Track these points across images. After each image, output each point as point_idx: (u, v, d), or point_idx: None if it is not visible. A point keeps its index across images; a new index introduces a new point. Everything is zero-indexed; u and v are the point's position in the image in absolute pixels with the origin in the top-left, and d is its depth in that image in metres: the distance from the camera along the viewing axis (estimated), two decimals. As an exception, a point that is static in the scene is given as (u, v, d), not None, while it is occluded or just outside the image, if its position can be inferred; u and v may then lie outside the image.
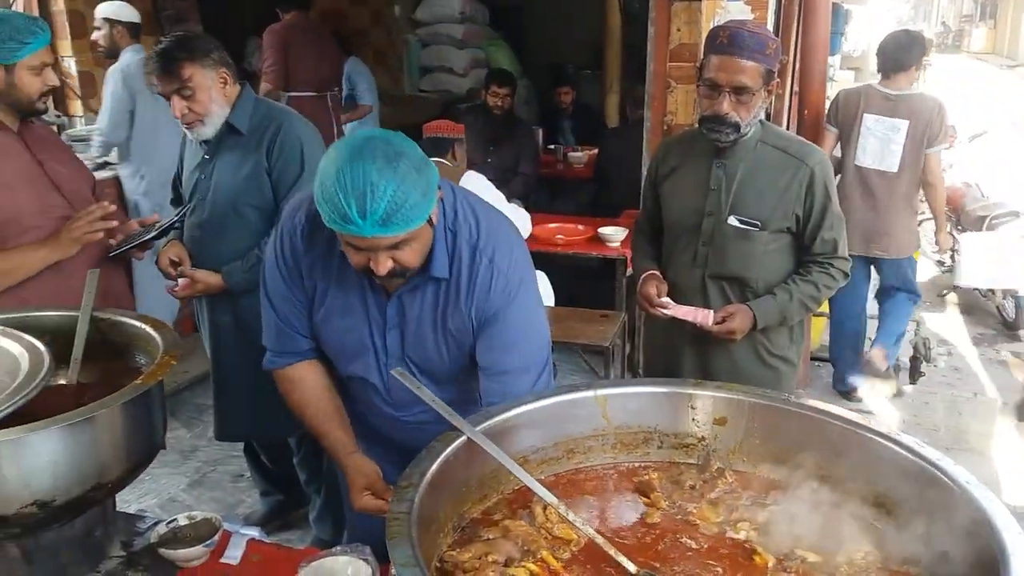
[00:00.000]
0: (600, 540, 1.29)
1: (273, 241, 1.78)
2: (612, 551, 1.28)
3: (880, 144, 4.01)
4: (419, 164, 1.47)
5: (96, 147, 4.51)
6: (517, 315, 1.71)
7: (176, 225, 2.61)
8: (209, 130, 2.58)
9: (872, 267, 4.36)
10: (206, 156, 2.66)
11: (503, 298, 1.68)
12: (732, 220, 2.30)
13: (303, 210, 1.72)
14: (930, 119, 3.97)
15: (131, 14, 4.39)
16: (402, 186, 1.42)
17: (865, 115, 4.03)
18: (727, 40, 2.15)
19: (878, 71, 4.18)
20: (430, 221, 1.55)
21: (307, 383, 1.84)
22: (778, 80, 2.24)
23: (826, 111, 4.18)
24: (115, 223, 2.34)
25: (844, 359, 4.43)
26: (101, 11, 4.36)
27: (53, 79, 2.30)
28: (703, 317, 2.32)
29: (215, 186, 2.64)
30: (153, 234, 2.45)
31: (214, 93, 2.54)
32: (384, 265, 1.51)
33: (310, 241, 1.70)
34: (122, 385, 1.49)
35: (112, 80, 4.28)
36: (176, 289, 2.68)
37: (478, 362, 1.73)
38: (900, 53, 4.02)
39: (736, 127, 2.21)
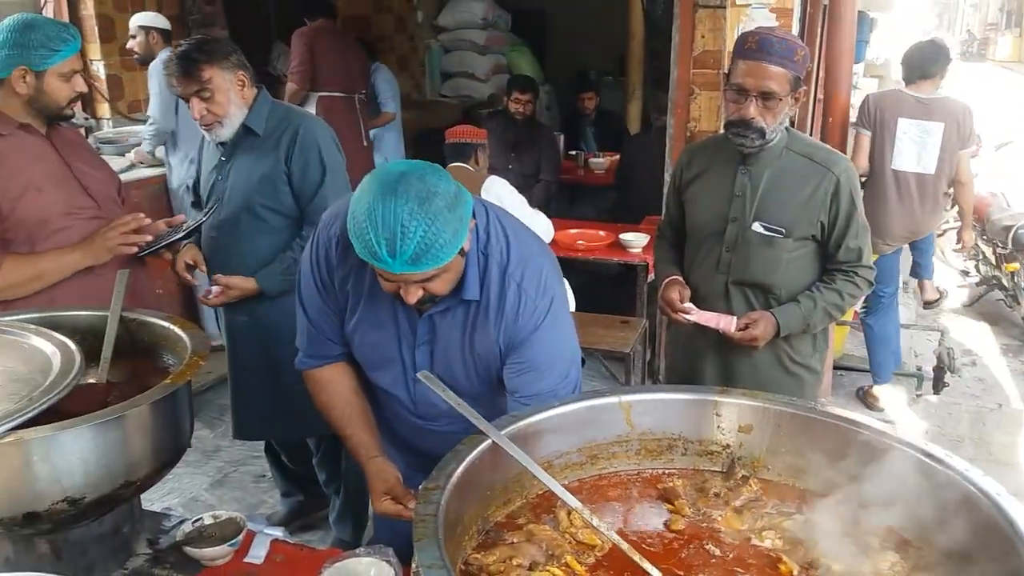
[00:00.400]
0: (624, 546, 1.29)
1: (308, 249, 1.79)
2: (637, 557, 1.27)
3: (917, 147, 4.05)
4: (451, 202, 1.45)
5: (148, 140, 4.64)
6: (544, 340, 1.70)
7: (203, 226, 2.63)
8: (227, 131, 2.61)
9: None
10: (223, 158, 2.69)
11: (531, 324, 1.68)
12: (756, 227, 2.30)
13: (338, 223, 1.70)
14: (961, 121, 4.02)
15: (164, 22, 4.75)
16: (433, 227, 1.42)
17: (900, 119, 4.05)
18: (755, 45, 2.15)
19: (903, 79, 4.23)
20: (462, 251, 1.54)
21: (335, 385, 1.86)
22: (804, 88, 2.23)
23: (856, 115, 4.21)
24: (148, 237, 2.38)
25: (882, 358, 4.45)
26: (136, 20, 4.68)
27: (82, 86, 2.33)
28: (725, 323, 2.31)
29: (231, 188, 2.66)
30: (181, 235, 2.47)
31: (232, 95, 2.57)
32: (414, 296, 1.53)
33: (344, 255, 1.71)
34: (150, 384, 1.52)
35: (156, 73, 4.46)
36: (211, 297, 2.68)
37: (506, 385, 1.73)
38: (926, 63, 4.08)
39: (762, 133, 2.21)
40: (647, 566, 1.27)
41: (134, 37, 4.65)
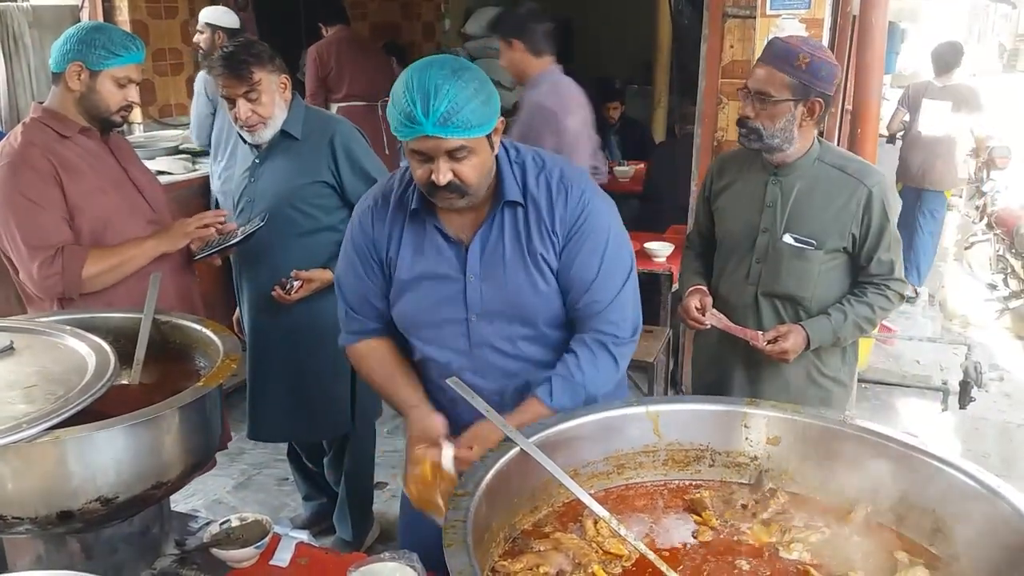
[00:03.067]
0: (652, 556, 1.29)
1: (347, 232, 1.87)
2: (664, 567, 1.27)
3: (932, 119, 6.01)
4: (483, 80, 1.57)
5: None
6: (597, 219, 1.75)
7: (255, 236, 2.62)
8: (268, 133, 2.65)
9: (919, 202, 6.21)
10: (256, 160, 2.73)
11: (580, 204, 1.73)
12: (787, 238, 2.28)
13: (370, 197, 1.84)
14: (966, 99, 5.97)
15: (232, 20, 4.61)
16: (464, 91, 1.52)
17: (924, 99, 6.02)
18: (765, 49, 2.22)
19: (934, 71, 6.12)
20: (491, 144, 1.63)
21: (374, 352, 1.89)
22: (819, 101, 2.19)
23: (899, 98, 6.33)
24: (224, 226, 2.47)
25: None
26: (205, 16, 4.58)
27: (135, 96, 2.35)
28: (752, 336, 2.30)
29: (263, 190, 2.70)
30: (234, 242, 2.51)
31: (277, 97, 2.62)
32: (445, 174, 1.56)
33: (381, 214, 1.79)
34: (182, 387, 1.54)
35: (199, 84, 4.49)
36: (292, 293, 2.70)
37: (566, 281, 1.74)
38: (948, 57, 6.04)
39: (759, 134, 2.21)
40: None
41: (201, 32, 4.57)
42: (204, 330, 1.79)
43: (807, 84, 2.16)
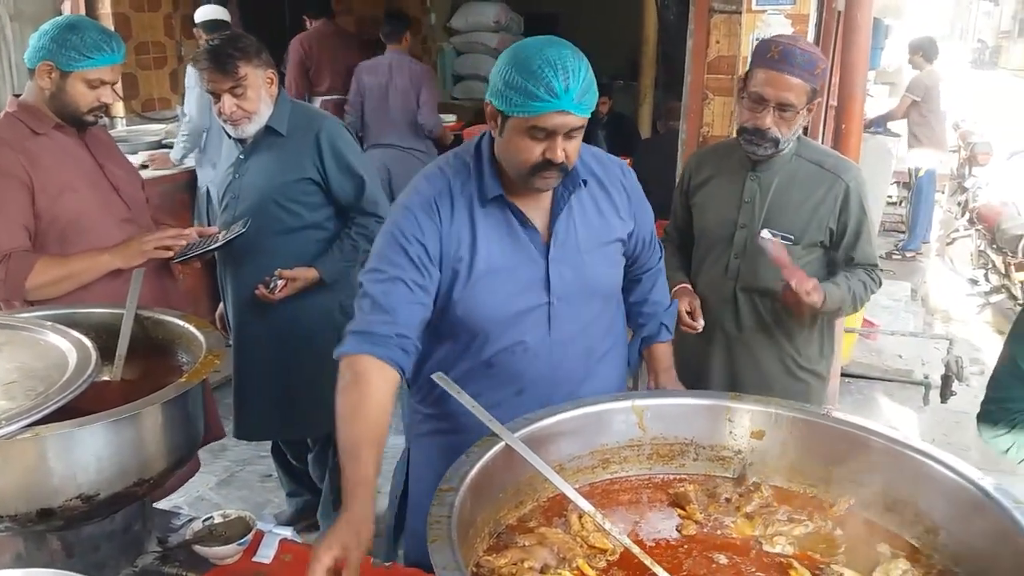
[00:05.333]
0: (636, 550, 1.29)
1: (394, 227, 1.70)
2: (648, 561, 1.28)
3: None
4: None
5: (182, 144, 4.60)
6: (633, 175, 1.91)
7: (239, 238, 2.59)
8: (253, 128, 2.63)
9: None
10: (241, 156, 2.71)
11: (620, 167, 1.87)
12: (765, 234, 2.29)
13: (422, 193, 1.72)
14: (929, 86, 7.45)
15: (224, 13, 4.83)
16: (589, 71, 1.57)
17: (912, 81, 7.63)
18: (778, 55, 2.14)
19: (909, 62, 7.70)
20: None
21: (373, 386, 1.57)
22: (819, 99, 2.22)
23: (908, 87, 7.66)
24: (183, 243, 2.40)
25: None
26: (200, 16, 4.78)
27: (108, 97, 2.30)
28: (796, 276, 2.17)
29: (250, 185, 2.69)
30: (215, 246, 2.48)
31: (263, 92, 2.60)
32: (561, 151, 1.59)
33: (447, 212, 1.71)
34: (165, 383, 1.52)
35: (193, 72, 4.47)
36: (276, 292, 2.68)
37: (635, 241, 1.89)
38: (924, 52, 7.42)
39: (776, 142, 2.21)
40: (659, 571, 1.27)
41: (200, 36, 4.74)
42: (187, 326, 1.78)
43: (815, 88, 2.18)
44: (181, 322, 1.79)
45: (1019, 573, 1.16)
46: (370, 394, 1.56)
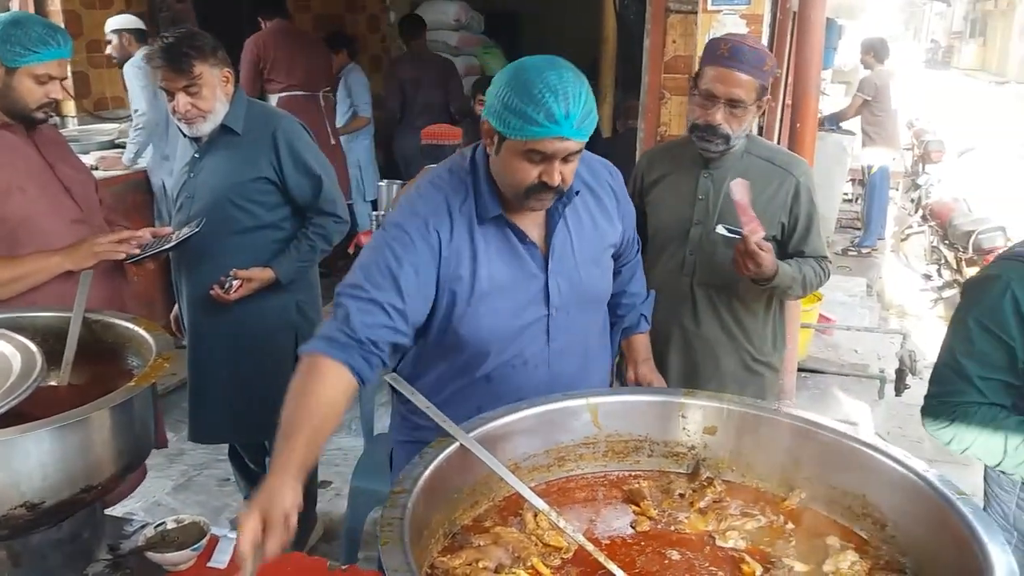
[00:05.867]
0: (590, 547, 1.30)
1: (386, 245, 1.65)
2: (602, 558, 1.28)
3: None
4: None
5: (134, 141, 4.55)
6: (619, 174, 1.93)
7: (192, 237, 2.55)
8: (208, 127, 2.60)
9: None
10: (196, 155, 2.68)
11: (606, 167, 1.89)
12: (720, 229, 2.32)
13: (421, 215, 1.68)
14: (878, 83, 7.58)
15: (135, 22, 4.79)
16: (590, 96, 1.55)
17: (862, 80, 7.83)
18: (727, 53, 2.17)
19: (861, 62, 7.89)
20: None
21: (324, 380, 1.54)
22: (769, 96, 2.26)
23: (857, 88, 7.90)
24: (135, 246, 2.35)
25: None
26: (110, 25, 4.74)
27: (57, 93, 2.26)
28: (752, 229, 2.18)
29: (205, 184, 2.65)
30: (168, 246, 2.44)
31: (218, 91, 2.57)
32: (558, 174, 1.58)
33: (447, 231, 1.68)
34: (114, 387, 1.50)
35: (133, 73, 4.47)
36: (231, 293, 2.65)
37: (623, 241, 1.93)
38: (875, 52, 7.55)
39: (727, 139, 2.24)
40: (612, 567, 1.27)
41: (109, 42, 4.71)
42: (137, 329, 1.75)
43: (765, 84, 2.22)
44: (130, 325, 1.76)
45: (962, 563, 1.18)
46: (320, 387, 1.53)
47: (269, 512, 1.28)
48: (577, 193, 1.76)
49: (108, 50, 4.74)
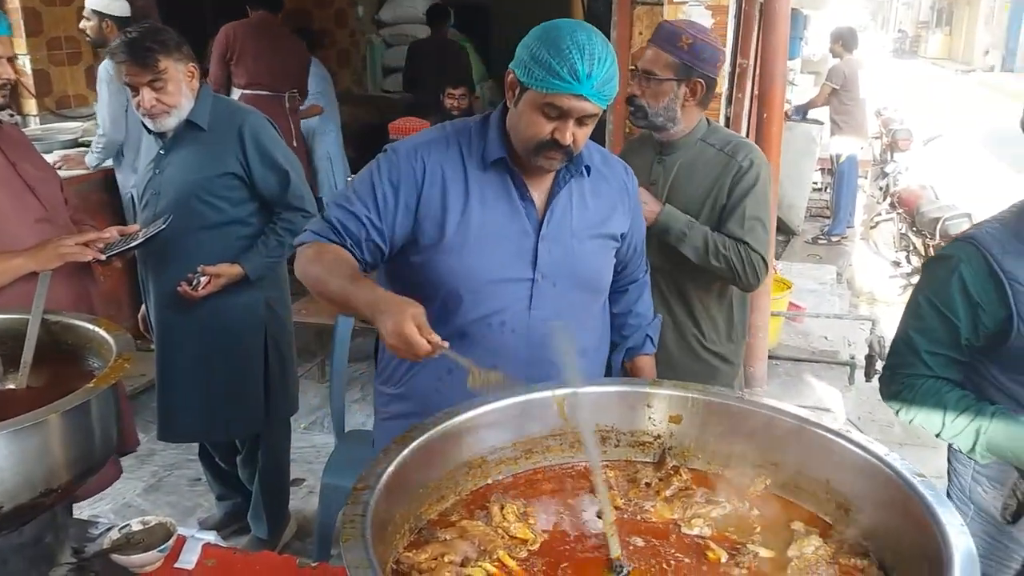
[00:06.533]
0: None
1: (374, 165, 1.76)
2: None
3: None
4: None
5: (96, 153, 4.36)
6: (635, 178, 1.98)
7: (159, 234, 2.53)
8: (173, 122, 2.58)
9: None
10: (161, 151, 2.65)
11: (627, 170, 1.93)
12: None
13: (431, 139, 1.76)
14: (847, 73, 7.70)
15: (121, 8, 4.35)
16: (615, 64, 1.58)
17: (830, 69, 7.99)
18: (655, 31, 2.32)
19: (830, 51, 8.09)
20: None
21: (338, 250, 1.70)
22: (700, 81, 2.26)
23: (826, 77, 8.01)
24: (100, 248, 2.31)
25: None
26: (91, 3, 4.34)
27: (8, 73, 2.20)
28: None
29: (171, 181, 2.63)
30: (135, 244, 2.41)
31: (183, 86, 2.55)
32: (570, 134, 1.60)
33: (452, 159, 1.74)
34: (73, 389, 1.47)
35: (104, 76, 4.21)
36: (200, 290, 2.62)
37: (630, 242, 1.94)
38: (844, 41, 7.67)
39: (644, 112, 2.31)
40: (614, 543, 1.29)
41: (88, 19, 4.37)
42: (97, 329, 1.71)
43: (689, 65, 2.24)
44: (91, 326, 1.73)
45: (923, 545, 1.20)
46: (340, 253, 1.69)
47: (415, 314, 1.46)
48: (588, 170, 1.78)
49: (83, 25, 4.41)
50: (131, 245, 2.40)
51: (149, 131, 2.66)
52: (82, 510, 3.10)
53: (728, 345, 2.49)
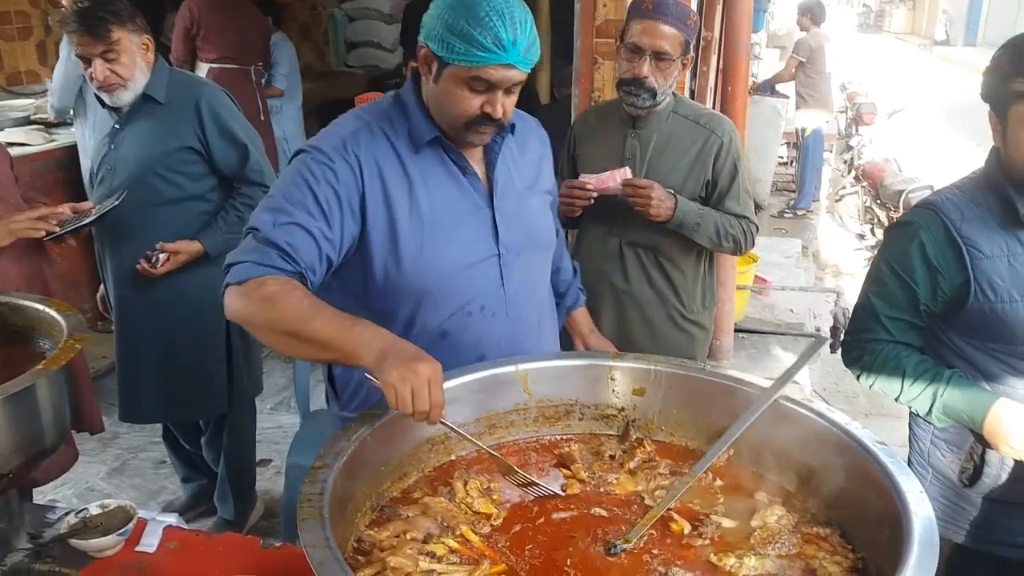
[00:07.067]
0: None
1: (301, 168, 1.53)
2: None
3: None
4: None
5: (50, 110, 4.25)
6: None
7: (115, 211, 2.48)
8: (128, 96, 2.53)
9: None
10: (116, 126, 2.59)
11: (535, 124, 1.83)
12: None
13: (350, 128, 1.58)
14: (814, 46, 7.72)
15: None
16: (534, 25, 1.49)
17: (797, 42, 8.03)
18: (652, 6, 2.20)
19: (797, 23, 8.06)
20: None
21: (294, 290, 1.41)
22: (692, 55, 2.28)
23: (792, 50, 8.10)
24: (55, 223, 2.26)
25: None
26: None
27: None
28: (621, 174, 2.30)
29: (127, 156, 2.57)
30: (87, 221, 2.35)
31: (138, 59, 2.49)
32: (501, 105, 1.51)
33: (385, 152, 1.57)
34: (23, 372, 1.43)
35: (66, 42, 4.03)
36: (158, 266, 2.57)
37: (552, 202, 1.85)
38: (812, 14, 7.67)
39: (653, 92, 2.25)
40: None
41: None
42: (47, 310, 1.67)
43: (689, 40, 2.23)
44: (41, 306, 1.69)
45: (884, 511, 1.20)
46: (296, 295, 1.40)
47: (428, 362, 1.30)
48: (513, 128, 1.68)
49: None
50: (84, 222, 2.35)
51: (103, 105, 2.59)
52: (44, 495, 3.05)
53: (704, 312, 2.53)
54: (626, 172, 2.30)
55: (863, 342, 1.75)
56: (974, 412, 1.57)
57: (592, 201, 2.34)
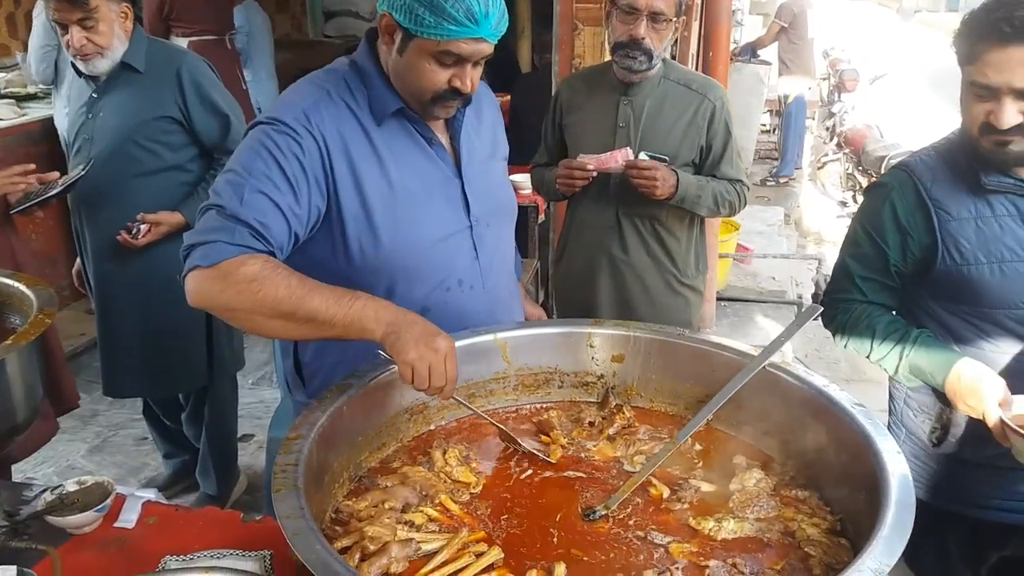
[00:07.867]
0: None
1: (263, 139, 1.45)
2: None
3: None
4: None
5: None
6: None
7: (89, 181, 2.44)
8: (106, 64, 2.48)
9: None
10: (94, 95, 2.55)
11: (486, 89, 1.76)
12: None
13: (310, 98, 1.50)
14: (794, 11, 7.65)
15: None
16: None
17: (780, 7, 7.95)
18: None
19: None
20: None
21: (276, 269, 1.34)
22: (684, 19, 2.26)
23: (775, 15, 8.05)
24: (32, 180, 2.22)
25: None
26: None
27: None
28: (623, 154, 2.29)
29: (105, 125, 2.53)
30: (54, 192, 2.31)
31: (116, 27, 2.45)
32: (470, 78, 1.46)
33: (348, 123, 1.50)
34: (-8, 347, 1.41)
35: (40, 8, 3.97)
36: (140, 238, 2.53)
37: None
38: None
39: (649, 55, 2.23)
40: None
41: None
42: (16, 284, 1.65)
43: (682, 1, 2.23)
44: (10, 281, 1.66)
45: (861, 471, 1.21)
46: (280, 273, 1.33)
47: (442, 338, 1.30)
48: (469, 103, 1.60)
49: None
50: (50, 193, 2.31)
51: (80, 74, 2.55)
52: (24, 473, 3.02)
53: (698, 276, 2.55)
54: (628, 153, 2.29)
55: (838, 302, 1.76)
56: (937, 371, 1.58)
57: (591, 180, 2.34)
